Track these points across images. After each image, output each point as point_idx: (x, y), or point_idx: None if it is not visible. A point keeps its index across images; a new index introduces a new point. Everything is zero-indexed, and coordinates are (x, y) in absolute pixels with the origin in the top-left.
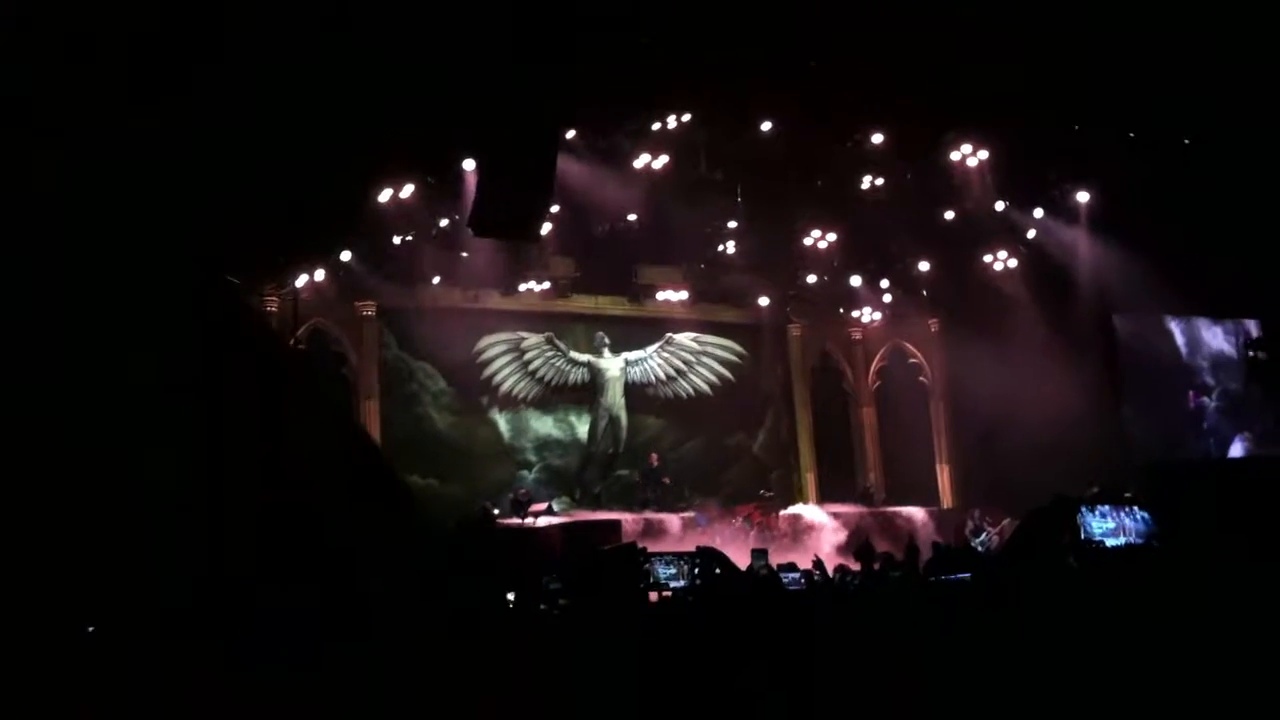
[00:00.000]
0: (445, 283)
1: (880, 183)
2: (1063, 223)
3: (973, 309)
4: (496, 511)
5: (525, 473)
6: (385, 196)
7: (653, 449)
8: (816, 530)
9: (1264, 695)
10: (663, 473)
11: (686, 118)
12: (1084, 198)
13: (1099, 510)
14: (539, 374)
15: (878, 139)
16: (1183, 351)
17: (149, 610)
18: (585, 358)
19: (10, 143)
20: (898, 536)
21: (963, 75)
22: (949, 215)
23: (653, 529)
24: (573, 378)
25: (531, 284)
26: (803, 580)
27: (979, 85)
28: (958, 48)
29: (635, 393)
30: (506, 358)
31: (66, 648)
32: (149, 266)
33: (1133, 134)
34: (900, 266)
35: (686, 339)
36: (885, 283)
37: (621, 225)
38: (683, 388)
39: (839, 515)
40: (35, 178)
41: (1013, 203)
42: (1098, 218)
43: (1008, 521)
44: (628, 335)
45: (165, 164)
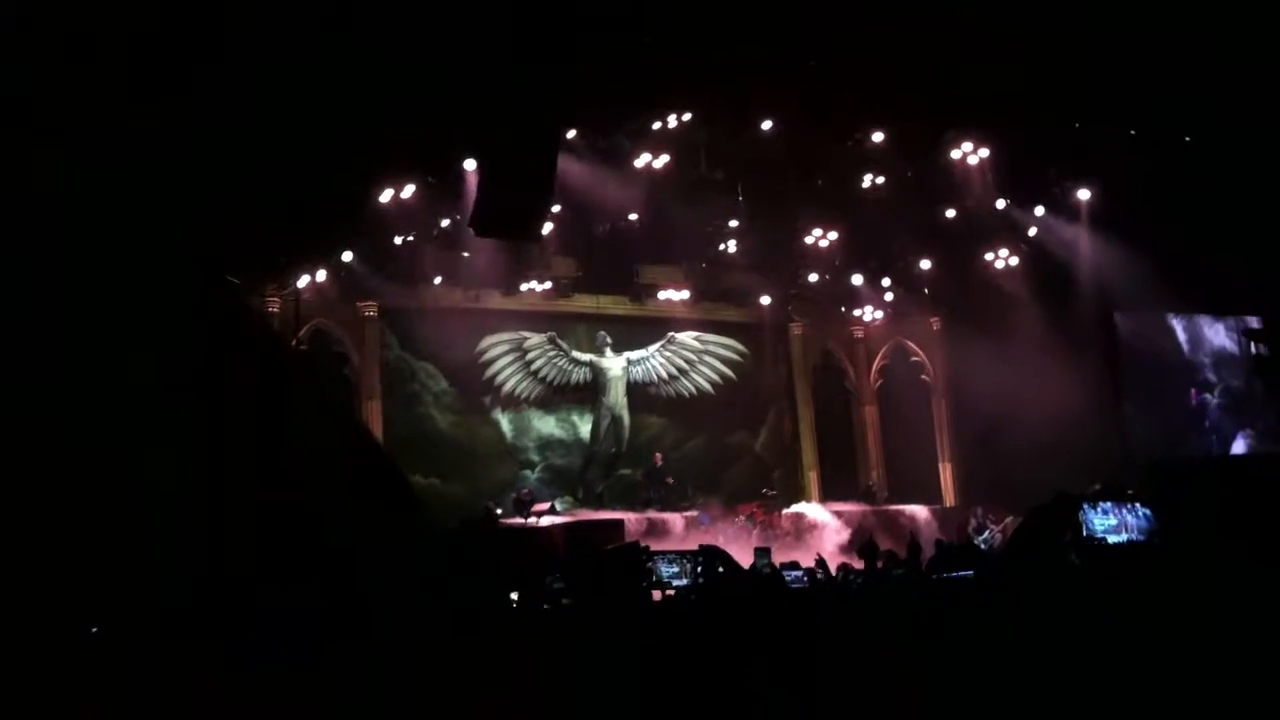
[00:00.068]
0: (447, 283)
1: (881, 181)
2: (1064, 221)
3: (974, 307)
4: (499, 511)
5: (528, 472)
6: (386, 196)
7: (655, 448)
8: (819, 529)
9: (1264, 693)
10: (666, 472)
11: (687, 117)
12: (1085, 195)
13: (1101, 507)
14: (541, 374)
15: (878, 138)
16: (1184, 348)
17: (150, 610)
18: (587, 357)
19: (10, 143)
20: (900, 534)
21: (963, 75)
22: (950, 214)
23: (655, 528)
24: (575, 377)
25: (533, 284)
26: (806, 578)
27: (979, 85)
28: (958, 47)
29: (637, 392)
30: (508, 358)
31: (69, 648)
32: (149, 266)
33: (1133, 132)
34: (901, 265)
35: (688, 338)
36: (887, 281)
37: (623, 225)
38: (685, 387)
39: (841, 514)
40: (35, 178)
41: (1013, 201)
42: (1099, 215)
43: (1010, 519)
44: (629, 334)
45: (165, 164)
